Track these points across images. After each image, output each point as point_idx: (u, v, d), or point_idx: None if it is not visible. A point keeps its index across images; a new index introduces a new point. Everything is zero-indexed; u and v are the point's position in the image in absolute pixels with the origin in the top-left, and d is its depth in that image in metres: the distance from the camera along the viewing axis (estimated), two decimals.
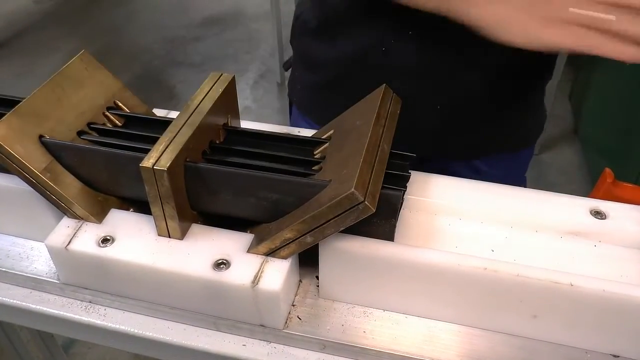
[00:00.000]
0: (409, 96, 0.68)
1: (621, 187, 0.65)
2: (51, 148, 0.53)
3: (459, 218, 0.56)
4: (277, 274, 0.49)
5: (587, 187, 2.12)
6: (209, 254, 0.51)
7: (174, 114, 0.68)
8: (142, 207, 0.56)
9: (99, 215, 0.54)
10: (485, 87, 0.84)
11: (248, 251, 0.51)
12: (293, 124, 1.01)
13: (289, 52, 2.77)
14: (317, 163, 0.53)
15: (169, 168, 0.47)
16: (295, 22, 0.96)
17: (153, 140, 0.51)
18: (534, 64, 0.86)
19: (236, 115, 0.61)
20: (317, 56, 0.91)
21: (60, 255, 0.53)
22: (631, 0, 0.59)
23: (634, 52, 0.60)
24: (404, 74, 0.82)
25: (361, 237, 0.49)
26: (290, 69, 1.03)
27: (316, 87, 0.93)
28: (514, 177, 1.01)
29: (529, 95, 0.93)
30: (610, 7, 0.60)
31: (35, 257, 0.59)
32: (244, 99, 2.66)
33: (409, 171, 0.53)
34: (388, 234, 0.50)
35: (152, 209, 0.51)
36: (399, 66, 0.82)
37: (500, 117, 0.90)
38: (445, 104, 0.85)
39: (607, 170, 0.66)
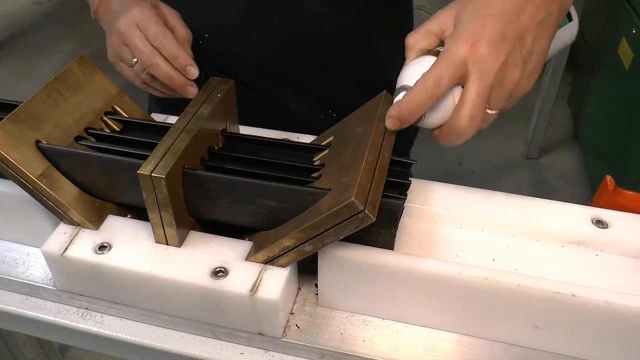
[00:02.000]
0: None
1: (622, 195, 0.65)
2: (48, 153, 0.53)
3: (460, 226, 0.55)
4: (275, 282, 0.49)
5: (587, 191, 2.12)
6: (207, 262, 0.50)
7: (172, 119, 0.67)
8: (139, 213, 0.56)
9: (96, 221, 0.54)
10: (331, 115, 0.82)
11: (246, 259, 0.50)
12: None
13: None
14: (317, 170, 0.53)
15: (167, 175, 0.47)
16: None
17: (151, 146, 0.50)
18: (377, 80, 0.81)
19: (235, 121, 0.60)
20: None
21: (57, 262, 0.52)
22: None
23: None
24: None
25: (361, 245, 0.49)
26: None
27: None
28: None
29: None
30: None
31: (32, 263, 0.58)
32: None
33: (409, 179, 0.52)
34: (388, 243, 0.49)
35: (150, 216, 0.50)
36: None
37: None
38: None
39: (608, 177, 0.65)
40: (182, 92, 0.66)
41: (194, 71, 0.64)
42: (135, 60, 0.65)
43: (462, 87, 0.49)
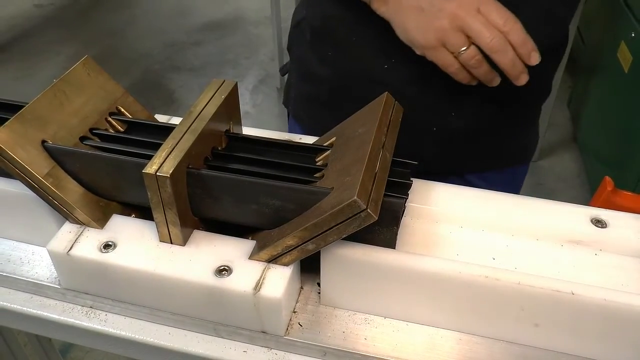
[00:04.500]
0: (405, 114, 0.68)
1: (621, 195, 0.65)
2: (54, 153, 0.54)
3: (460, 226, 0.56)
4: (278, 280, 0.49)
5: (586, 193, 2.13)
6: (210, 260, 0.51)
7: (175, 120, 0.68)
8: (144, 212, 0.56)
9: (101, 220, 0.54)
10: (485, 108, 0.82)
11: (250, 258, 0.51)
12: (290, 129, 1.01)
13: (288, 58, 2.78)
14: (319, 170, 0.53)
15: (171, 174, 0.47)
16: (293, 29, 0.94)
17: (155, 146, 0.51)
18: (533, 87, 0.85)
19: (238, 122, 0.61)
20: (312, 68, 0.88)
21: (62, 261, 0.53)
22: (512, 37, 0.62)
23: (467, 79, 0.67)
24: (402, 93, 0.80)
25: (363, 244, 0.49)
26: (287, 75, 1.02)
27: (310, 99, 0.92)
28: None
29: (527, 116, 0.92)
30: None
31: (37, 261, 0.59)
32: (243, 104, 2.67)
33: (411, 179, 0.53)
34: (389, 242, 0.50)
35: (154, 215, 0.51)
36: (398, 86, 0.79)
37: (497, 135, 0.89)
38: (443, 122, 0.83)
39: (607, 178, 0.66)
40: (516, 80, 0.65)
41: (537, 57, 0.63)
42: (464, 47, 0.64)
43: None
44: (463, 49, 0.64)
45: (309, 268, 0.54)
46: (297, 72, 0.95)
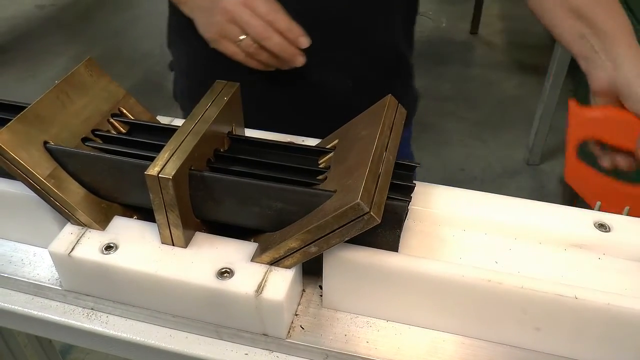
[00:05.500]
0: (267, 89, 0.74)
1: (589, 109, 0.67)
2: (56, 154, 0.53)
3: (463, 229, 0.56)
4: (281, 283, 0.49)
5: None
6: (212, 263, 0.51)
7: (178, 122, 0.68)
8: (145, 214, 0.56)
9: (103, 222, 0.54)
10: (339, 82, 0.86)
11: (252, 260, 0.51)
12: None
13: None
14: (322, 172, 0.53)
15: (174, 176, 0.47)
16: (167, 27, 1.01)
17: (157, 148, 0.51)
18: (379, 56, 0.89)
19: (241, 124, 0.61)
20: (182, 64, 0.95)
21: (63, 262, 0.53)
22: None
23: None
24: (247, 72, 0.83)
25: (365, 247, 0.49)
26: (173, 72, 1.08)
27: (186, 90, 0.98)
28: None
29: (391, 81, 0.95)
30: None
31: (38, 263, 0.59)
32: None
33: (414, 182, 0.53)
34: (392, 245, 0.50)
35: (156, 217, 0.51)
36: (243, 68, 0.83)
37: (365, 103, 0.91)
38: (300, 98, 0.87)
39: (570, 100, 0.68)
40: (292, 61, 0.71)
41: (305, 40, 0.69)
42: (243, 37, 0.69)
43: None
44: (241, 38, 0.70)
45: (311, 270, 0.54)
46: (176, 67, 1.01)
